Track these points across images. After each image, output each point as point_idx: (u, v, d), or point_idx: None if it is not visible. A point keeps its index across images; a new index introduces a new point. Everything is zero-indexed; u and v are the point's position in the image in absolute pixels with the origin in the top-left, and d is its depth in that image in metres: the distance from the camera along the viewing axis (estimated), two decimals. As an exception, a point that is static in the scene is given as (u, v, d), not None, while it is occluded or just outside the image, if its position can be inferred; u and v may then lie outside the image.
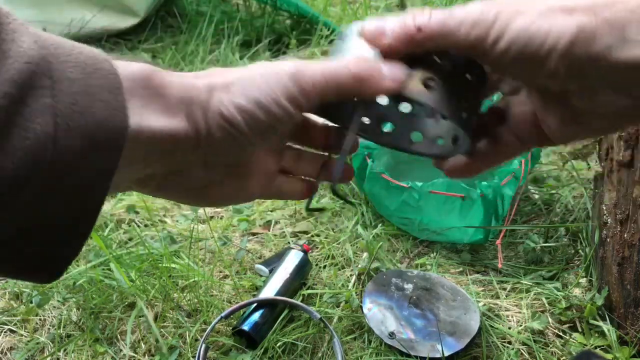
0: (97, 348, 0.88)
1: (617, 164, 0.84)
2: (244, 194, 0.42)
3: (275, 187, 0.44)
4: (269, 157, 0.42)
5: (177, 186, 0.38)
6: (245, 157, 0.38)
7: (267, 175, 0.42)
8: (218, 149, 0.35)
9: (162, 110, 0.32)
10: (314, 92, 0.35)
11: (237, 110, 0.34)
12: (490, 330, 0.90)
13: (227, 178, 0.39)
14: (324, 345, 0.88)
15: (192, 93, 0.33)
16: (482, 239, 1.03)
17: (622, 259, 0.84)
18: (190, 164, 0.35)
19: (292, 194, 0.46)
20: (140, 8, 1.84)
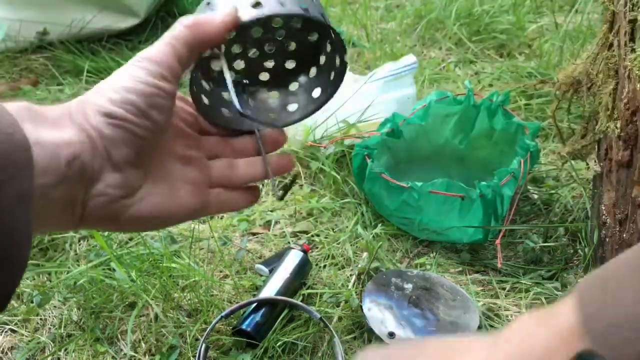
0: (97, 347, 0.88)
1: (616, 164, 0.84)
2: (175, 203, 0.41)
3: (214, 199, 0.45)
4: (190, 167, 0.43)
5: (104, 207, 0.37)
6: (146, 146, 0.38)
7: (196, 185, 0.43)
8: (115, 143, 0.36)
9: (51, 126, 0.34)
10: (170, 58, 0.39)
11: (112, 102, 0.37)
12: (490, 329, 0.90)
13: (148, 184, 0.40)
14: (324, 344, 0.89)
15: (69, 107, 0.37)
16: (482, 239, 1.04)
17: (621, 259, 0.85)
18: (99, 169, 0.36)
19: (235, 203, 0.47)
20: (140, 8, 1.84)
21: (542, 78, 1.55)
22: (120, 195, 0.38)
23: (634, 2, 0.76)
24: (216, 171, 0.46)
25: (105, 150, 0.36)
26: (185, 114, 0.46)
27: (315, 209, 1.17)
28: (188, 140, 0.45)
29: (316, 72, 0.51)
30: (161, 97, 0.38)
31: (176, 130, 0.44)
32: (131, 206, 0.38)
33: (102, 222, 0.38)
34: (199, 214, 0.44)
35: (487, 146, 1.25)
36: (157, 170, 0.41)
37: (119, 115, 0.36)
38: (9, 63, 1.76)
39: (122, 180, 0.37)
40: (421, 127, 1.24)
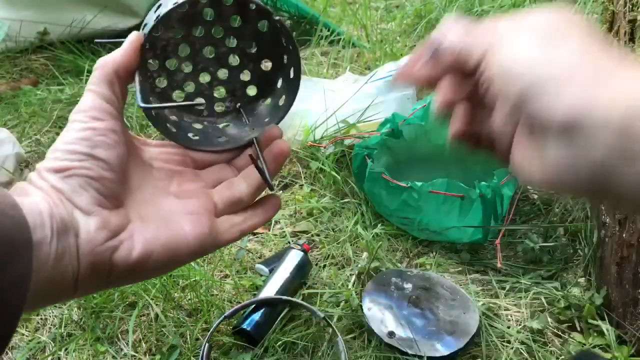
0: (98, 347, 0.89)
1: (615, 164, 0.84)
2: (174, 236, 0.40)
3: (225, 225, 0.44)
4: (188, 200, 0.43)
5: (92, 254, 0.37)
6: (109, 185, 0.39)
7: (197, 215, 0.42)
8: (74, 192, 0.37)
9: (21, 195, 0.36)
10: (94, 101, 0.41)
11: (56, 159, 0.38)
12: (490, 329, 0.90)
13: (136, 223, 0.40)
14: (324, 344, 0.89)
15: (29, 178, 0.39)
16: (482, 239, 1.04)
17: (621, 259, 0.85)
18: (74, 219, 0.37)
19: (252, 220, 0.46)
20: (140, 8, 1.84)
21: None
22: (104, 238, 0.37)
23: (633, 2, 0.76)
24: (217, 196, 0.45)
25: (70, 201, 0.37)
26: (168, 155, 0.46)
27: (315, 209, 1.17)
28: (182, 177, 0.45)
29: (287, 57, 0.50)
30: (100, 134, 0.39)
31: (162, 172, 0.44)
32: (120, 246, 0.38)
33: (96, 274, 0.37)
34: (209, 243, 0.42)
35: (487, 146, 1.25)
36: (145, 208, 0.41)
37: (65, 167, 0.38)
38: (10, 63, 1.76)
39: (99, 222, 0.37)
40: (421, 127, 1.24)
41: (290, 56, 0.49)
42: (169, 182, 0.44)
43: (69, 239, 0.36)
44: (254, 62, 0.51)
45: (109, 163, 0.39)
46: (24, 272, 0.32)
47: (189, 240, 0.41)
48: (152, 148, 0.46)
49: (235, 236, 0.45)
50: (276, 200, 0.48)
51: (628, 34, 0.78)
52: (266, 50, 0.50)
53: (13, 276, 0.31)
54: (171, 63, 0.49)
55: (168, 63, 0.48)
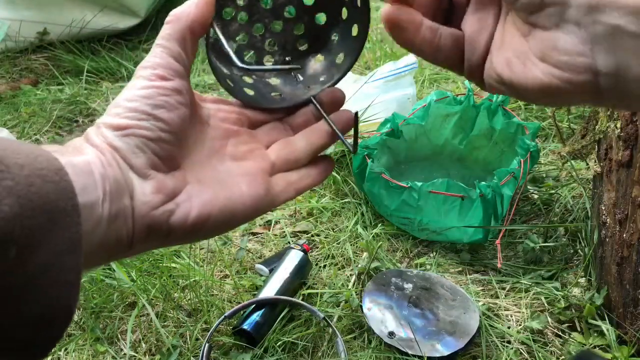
0: (97, 347, 0.88)
1: (616, 164, 0.84)
2: (231, 198, 0.40)
3: (280, 183, 0.43)
4: (245, 161, 0.42)
5: (147, 216, 0.37)
6: (167, 147, 0.38)
7: (253, 175, 0.42)
8: (131, 152, 0.37)
9: (74, 154, 0.35)
10: (162, 58, 0.39)
11: (116, 115, 0.37)
12: (490, 329, 0.90)
13: (193, 185, 0.39)
14: (324, 344, 0.89)
15: (86, 135, 0.38)
16: (482, 239, 1.04)
17: (621, 259, 0.85)
18: (130, 181, 0.36)
19: (307, 179, 0.45)
20: (140, 8, 1.84)
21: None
22: (160, 201, 0.37)
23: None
24: (274, 155, 0.44)
25: (125, 162, 0.36)
26: (224, 112, 0.45)
27: (315, 209, 1.17)
28: (237, 138, 0.44)
29: (347, 12, 0.47)
30: (164, 94, 0.38)
31: (218, 131, 0.43)
32: (176, 209, 0.37)
33: (152, 236, 0.37)
34: (265, 203, 0.42)
35: (487, 146, 1.25)
36: (202, 171, 0.40)
37: (125, 125, 0.37)
38: (9, 63, 1.76)
39: (155, 186, 0.37)
40: (421, 127, 1.24)
41: (354, 12, 0.46)
42: (225, 143, 0.43)
43: (124, 200, 0.35)
44: (309, 15, 0.48)
45: (170, 125, 0.38)
46: (73, 237, 0.30)
47: (246, 202, 0.40)
48: (209, 104, 0.44)
49: (291, 195, 0.44)
50: (330, 161, 0.47)
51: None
52: (323, 2, 0.47)
53: (62, 243, 0.30)
54: (228, 12, 0.46)
55: (225, 12, 0.46)
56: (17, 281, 0.28)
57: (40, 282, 0.29)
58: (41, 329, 0.30)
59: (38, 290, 0.29)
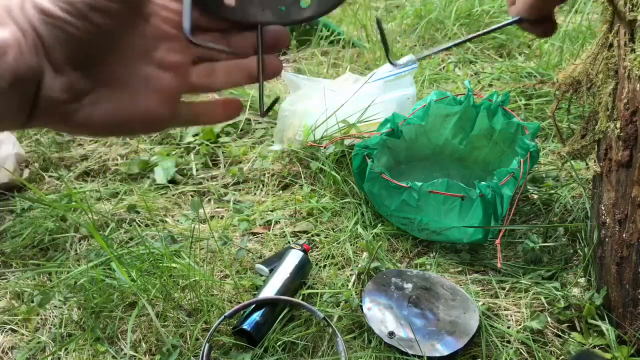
0: (98, 347, 0.89)
1: (615, 164, 0.84)
2: (135, 111, 0.39)
3: (186, 109, 0.42)
4: (167, 72, 0.40)
5: (51, 107, 0.36)
6: (92, 48, 0.36)
7: (166, 93, 0.40)
8: (52, 43, 0.35)
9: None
10: None
11: (50, 1, 0.34)
12: (490, 329, 0.90)
13: (102, 89, 0.38)
14: (324, 344, 0.89)
15: (8, 3, 0.35)
16: (482, 239, 1.04)
17: (621, 259, 0.85)
18: (42, 69, 0.34)
19: (211, 115, 0.43)
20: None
21: (542, 78, 1.55)
22: (66, 99, 0.36)
23: (633, 2, 0.76)
24: (194, 77, 0.42)
25: (43, 49, 0.34)
26: (168, 12, 0.41)
27: (315, 209, 1.17)
28: (172, 43, 0.41)
29: None
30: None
31: (155, 31, 0.40)
32: (79, 110, 0.36)
33: (51, 123, 0.37)
34: (165, 124, 0.41)
35: (487, 146, 1.25)
36: (118, 74, 0.38)
37: (54, 14, 0.34)
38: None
39: (65, 83, 0.35)
40: (421, 127, 1.24)
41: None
42: (157, 45, 0.41)
43: (31, 88, 0.34)
44: None
45: (101, 29, 0.35)
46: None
47: (147, 118, 0.40)
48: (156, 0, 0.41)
49: (185, 125, 0.44)
50: (237, 105, 0.45)
51: (628, 34, 0.78)
52: None
53: None
54: None
55: None
56: None
57: None
58: None
59: None
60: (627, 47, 0.78)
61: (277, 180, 1.27)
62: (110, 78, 0.38)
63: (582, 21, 1.76)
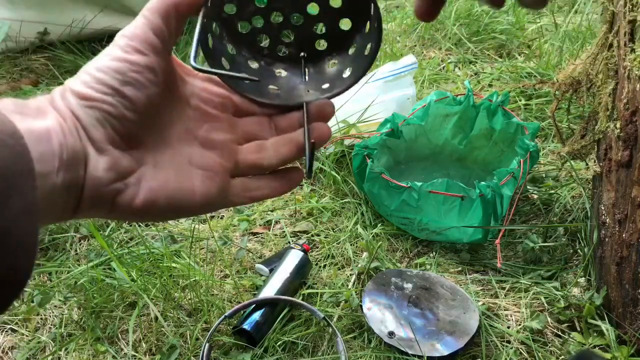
0: (98, 347, 0.89)
1: (615, 164, 0.84)
2: (182, 191, 0.39)
3: (238, 187, 0.42)
4: (212, 151, 0.41)
5: (96, 190, 0.36)
6: (131, 126, 0.37)
7: (213, 172, 0.40)
8: (92, 125, 0.36)
9: (35, 116, 0.34)
10: (143, 30, 0.38)
11: (84, 83, 0.36)
12: (490, 329, 0.90)
13: (147, 168, 0.38)
14: (324, 344, 0.89)
15: (52, 95, 0.36)
16: (481, 239, 1.04)
17: (621, 259, 0.85)
18: (86, 152, 0.35)
19: (266, 190, 0.43)
20: (140, 8, 1.84)
21: (542, 78, 1.55)
22: (111, 179, 0.36)
23: (633, 2, 0.76)
24: (242, 156, 0.42)
25: (85, 132, 0.35)
26: (209, 94, 0.42)
27: (315, 209, 1.17)
28: (215, 123, 0.42)
29: (369, 26, 0.45)
30: (135, 70, 0.36)
31: (197, 112, 0.41)
32: (124, 190, 0.36)
33: (96, 208, 0.37)
34: (216, 203, 0.40)
35: (487, 146, 1.25)
36: (165, 152, 0.39)
37: (89, 96, 0.35)
38: (10, 63, 1.76)
39: (109, 162, 0.36)
40: (421, 127, 1.24)
41: (372, 30, 0.44)
42: (200, 125, 0.41)
43: (78, 171, 0.35)
44: (331, 18, 0.46)
45: (135, 103, 0.36)
46: (30, 201, 0.30)
47: (196, 197, 0.39)
48: (195, 81, 0.42)
49: (244, 201, 0.42)
50: (299, 174, 0.45)
51: (628, 34, 0.78)
52: (351, 9, 0.46)
53: (18, 207, 0.29)
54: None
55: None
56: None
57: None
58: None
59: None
60: (627, 47, 0.78)
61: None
62: (154, 157, 0.38)
63: (582, 21, 1.76)
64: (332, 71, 0.47)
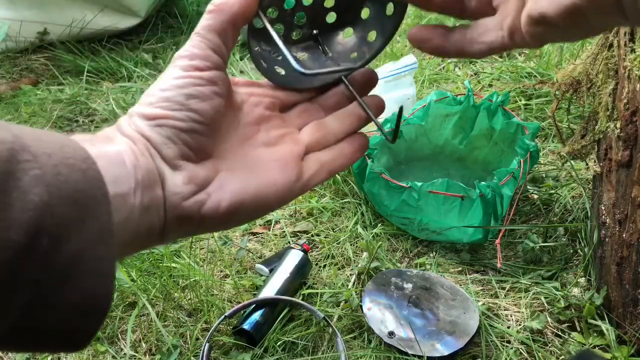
0: (98, 347, 0.89)
1: (615, 164, 0.84)
2: (262, 185, 0.39)
3: (312, 165, 0.42)
4: (277, 146, 0.42)
5: (179, 207, 0.36)
6: (200, 138, 0.38)
7: (285, 160, 0.41)
8: (163, 143, 0.36)
9: (105, 142, 0.35)
10: (201, 49, 0.38)
11: (149, 105, 0.37)
12: (490, 329, 0.90)
13: (224, 174, 0.38)
14: (324, 344, 0.89)
15: (118, 123, 0.37)
16: (482, 239, 1.04)
17: (621, 259, 0.85)
18: (161, 171, 0.36)
19: (341, 158, 0.44)
20: (140, 8, 1.84)
21: (542, 78, 1.55)
22: (191, 191, 0.36)
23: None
24: (307, 138, 0.43)
25: (157, 152, 0.36)
26: (257, 97, 0.44)
27: (315, 209, 1.17)
28: (269, 123, 0.43)
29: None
30: (198, 85, 0.37)
31: (251, 117, 0.42)
32: (208, 199, 0.37)
33: (185, 225, 0.37)
34: (297, 188, 0.41)
35: (487, 146, 1.25)
36: (234, 158, 0.40)
37: (157, 115, 0.36)
38: (10, 63, 1.76)
39: (186, 176, 0.36)
40: (421, 127, 1.24)
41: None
42: (258, 129, 0.42)
43: (156, 191, 0.35)
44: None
45: (203, 115, 0.37)
46: (104, 226, 0.30)
47: (278, 188, 0.40)
48: (241, 89, 0.43)
49: (324, 177, 0.43)
50: (365, 138, 0.45)
51: (628, 34, 0.78)
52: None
53: (93, 232, 0.29)
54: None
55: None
56: (50, 272, 0.27)
57: (73, 273, 0.28)
58: (78, 320, 0.29)
59: (71, 281, 0.28)
60: (627, 47, 0.78)
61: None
62: (226, 164, 0.39)
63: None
64: (353, 40, 0.47)
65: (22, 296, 0.27)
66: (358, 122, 0.45)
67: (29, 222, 0.26)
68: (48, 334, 0.29)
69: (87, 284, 0.29)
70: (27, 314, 0.28)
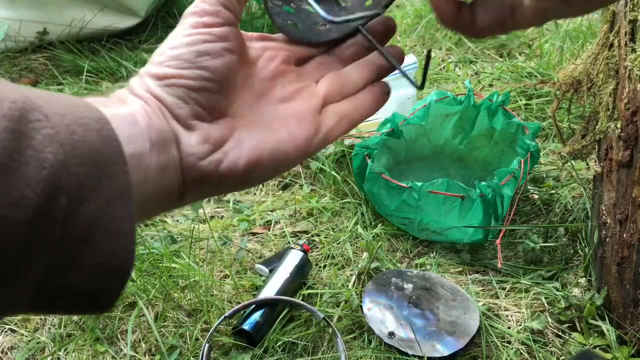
0: (97, 347, 0.88)
1: (616, 164, 0.84)
2: (280, 140, 0.38)
3: (330, 117, 0.41)
4: (294, 101, 0.40)
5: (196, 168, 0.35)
6: (213, 96, 0.37)
7: (303, 114, 0.40)
8: (175, 103, 0.35)
9: (118, 104, 0.34)
10: (211, 5, 0.37)
11: (159, 64, 0.36)
12: (490, 329, 0.90)
13: (241, 132, 0.38)
14: (324, 344, 0.89)
15: (129, 85, 0.36)
16: (482, 239, 1.04)
17: (622, 259, 0.85)
18: (175, 132, 0.35)
19: (360, 108, 0.42)
20: (140, 8, 1.84)
21: (542, 78, 1.55)
22: (207, 150, 0.35)
23: (634, 2, 0.76)
24: (324, 88, 0.41)
25: (170, 112, 0.35)
26: (272, 51, 0.42)
27: (315, 209, 1.17)
28: (285, 77, 0.42)
29: None
30: (209, 41, 0.36)
31: (266, 72, 0.41)
32: (225, 158, 0.36)
33: (203, 186, 0.36)
34: (316, 142, 0.40)
35: (487, 146, 1.25)
36: (250, 115, 0.39)
37: (166, 74, 0.35)
38: (9, 63, 1.76)
39: (201, 136, 0.35)
40: (421, 127, 1.24)
41: None
42: (274, 84, 0.41)
43: (171, 151, 0.34)
44: None
45: (215, 73, 0.36)
46: (122, 186, 0.29)
47: (297, 143, 0.39)
48: (254, 43, 0.42)
49: (344, 129, 0.42)
50: (386, 86, 0.43)
51: (628, 34, 0.78)
52: None
53: (110, 192, 0.29)
54: None
55: None
56: (71, 232, 0.27)
57: (94, 233, 0.28)
58: (101, 281, 0.29)
59: (92, 241, 0.28)
60: (628, 47, 0.78)
61: (277, 180, 1.26)
62: (242, 121, 0.38)
63: (582, 21, 1.76)
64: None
65: (44, 257, 0.27)
66: (378, 71, 0.43)
67: (46, 180, 0.26)
68: (73, 295, 0.29)
69: (108, 243, 0.29)
70: (49, 275, 0.27)
